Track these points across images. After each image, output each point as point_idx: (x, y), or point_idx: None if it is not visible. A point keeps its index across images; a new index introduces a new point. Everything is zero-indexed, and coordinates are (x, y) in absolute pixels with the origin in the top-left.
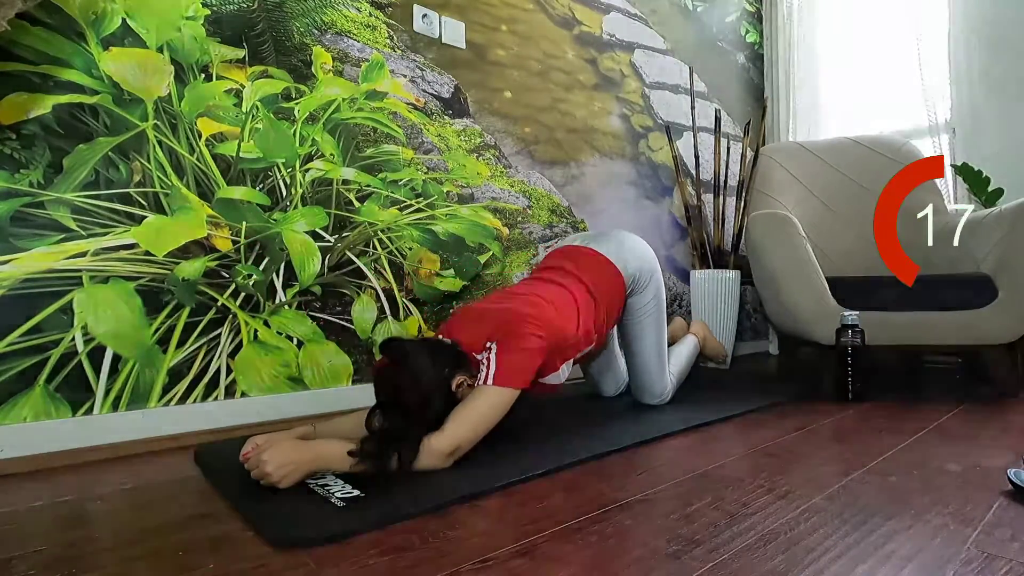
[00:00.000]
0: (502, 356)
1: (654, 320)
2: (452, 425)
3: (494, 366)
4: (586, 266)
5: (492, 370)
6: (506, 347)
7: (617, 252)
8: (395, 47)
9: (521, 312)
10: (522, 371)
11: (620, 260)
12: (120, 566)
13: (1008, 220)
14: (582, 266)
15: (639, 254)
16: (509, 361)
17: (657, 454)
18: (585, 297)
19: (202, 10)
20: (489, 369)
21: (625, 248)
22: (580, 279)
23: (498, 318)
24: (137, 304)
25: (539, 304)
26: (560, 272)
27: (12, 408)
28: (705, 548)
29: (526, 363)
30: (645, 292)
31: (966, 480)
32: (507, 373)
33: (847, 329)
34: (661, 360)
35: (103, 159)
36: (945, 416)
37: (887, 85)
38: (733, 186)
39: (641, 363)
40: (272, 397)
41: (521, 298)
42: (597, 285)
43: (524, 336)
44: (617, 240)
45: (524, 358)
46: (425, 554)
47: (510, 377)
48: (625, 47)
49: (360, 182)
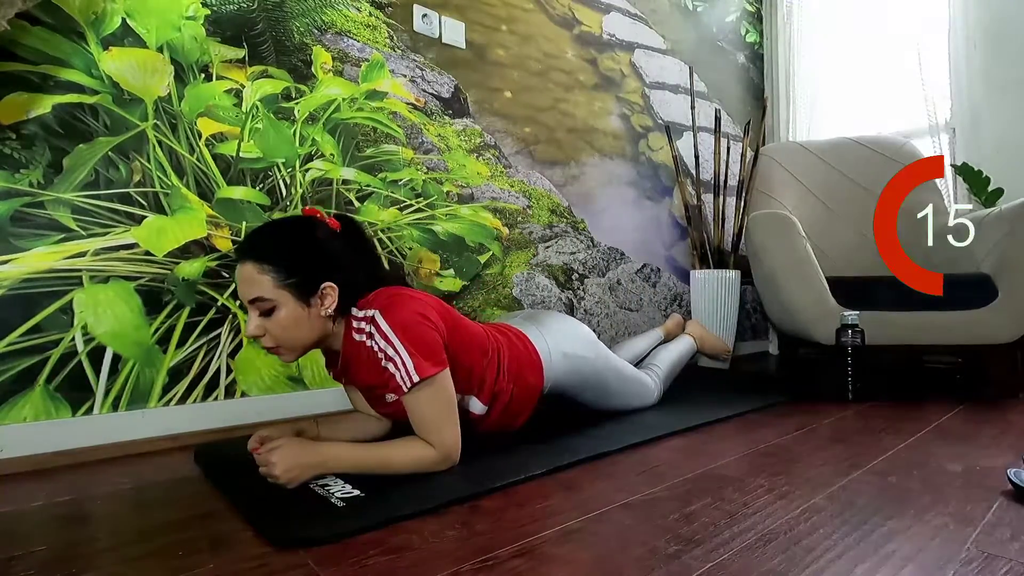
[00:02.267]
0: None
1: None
2: (431, 437)
3: (405, 355)
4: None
5: (408, 364)
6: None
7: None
8: (395, 47)
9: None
10: (428, 344)
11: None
12: (120, 566)
13: (1008, 220)
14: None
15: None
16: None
17: (657, 454)
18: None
19: (202, 10)
20: (404, 365)
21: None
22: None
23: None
24: (137, 304)
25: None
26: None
27: (12, 408)
28: (705, 548)
29: (426, 328)
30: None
31: (966, 480)
32: (419, 359)
33: (847, 329)
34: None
35: (103, 159)
36: (945, 416)
37: (887, 85)
38: (733, 186)
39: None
40: (272, 397)
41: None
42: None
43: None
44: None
45: (420, 322)
46: (425, 554)
47: (426, 357)
48: (625, 47)
49: (360, 182)
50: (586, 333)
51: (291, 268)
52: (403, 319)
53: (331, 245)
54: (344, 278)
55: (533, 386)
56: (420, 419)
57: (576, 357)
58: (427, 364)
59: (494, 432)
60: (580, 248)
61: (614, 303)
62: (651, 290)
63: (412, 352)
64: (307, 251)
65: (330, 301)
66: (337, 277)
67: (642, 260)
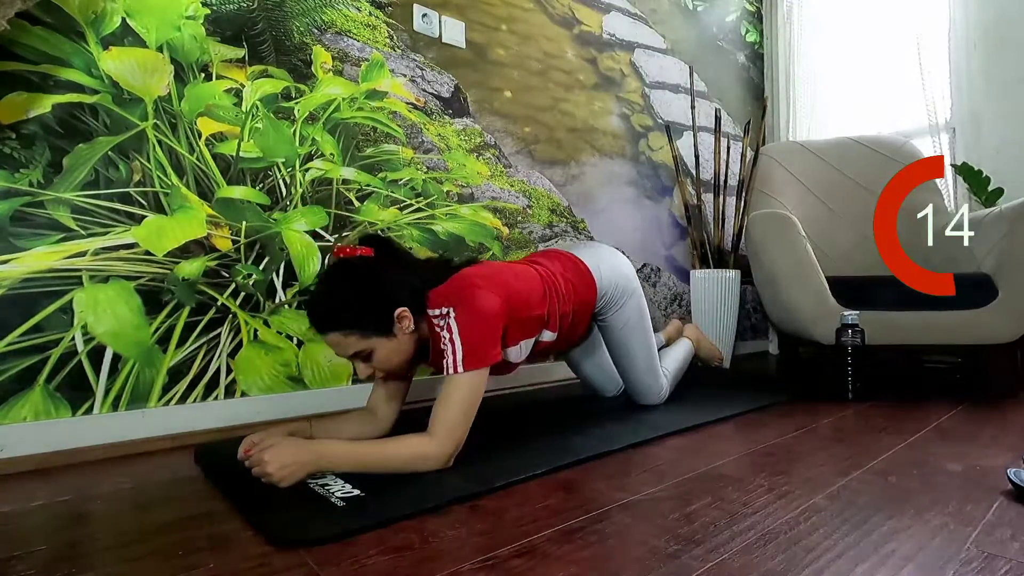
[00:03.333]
0: (463, 332)
1: (639, 334)
2: (439, 426)
3: (460, 348)
4: (563, 263)
5: (459, 355)
6: (464, 312)
7: (595, 263)
8: (395, 47)
9: (475, 273)
10: (486, 343)
11: (596, 270)
12: (120, 566)
13: (1008, 220)
14: (559, 262)
15: (616, 270)
16: (471, 338)
17: (657, 454)
18: (554, 280)
19: (202, 9)
20: (456, 354)
21: (604, 262)
22: (552, 269)
23: (453, 280)
24: (137, 304)
25: (495, 267)
26: (533, 261)
27: (12, 408)
28: (705, 548)
29: (488, 331)
30: (624, 309)
31: (966, 480)
32: (473, 353)
33: (847, 329)
34: (653, 367)
35: (103, 159)
36: (945, 416)
37: (887, 85)
38: (733, 186)
39: (634, 375)
40: (272, 397)
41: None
42: (569, 280)
43: (479, 295)
44: (597, 253)
45: (484, 326)
46: (425, 554)
47: (477, 357)
48: (625, 47)
49: (360, 181)
50: (627, 262)
51: (364, 319)
52: (470, 318)
53: (378, 275)
54: (405, 294)
55: (588, 301)
56: (444, 403)
57: (621, 275)
58: (473, 359)
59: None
60: None
61: None
62: (651, 290)
63: (465, 345)
64: (367, 297)
65: (407, 321)
66: (401, 298)
67: (642, 260)
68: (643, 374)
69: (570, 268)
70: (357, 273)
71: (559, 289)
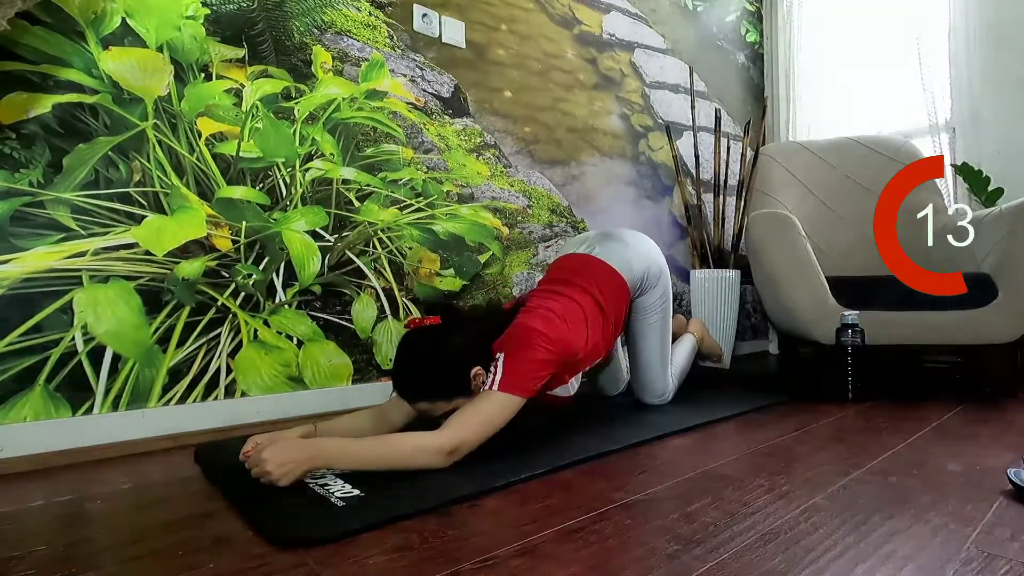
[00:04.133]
0: (509, 364)
1: (660, 319)
2: (455, 425)
3: (501, 372)
4: (594, 276)
5: (499, 376)
6: (514, 356)
7: (622, 257)
8: (395, 46)
9: (532, 327)
10: (528, 380)
11: (625, 264)
12: (120, 566)
13: (1008, 220)
14: (590, 276)
15: (644, 255)
16: (516, 369)
17: (657, 454)
18: (594, 310)
19: (202, 9)
20: (496, 375)
21: (631, 250)
22: (588, 291)
23: (509, 331)
24: (137, 304)
25: (550, 319)
26: (568, 285)
27: (12, 408)
28: (705, 548)
29: (533, 372)
30: (652, 291)
31: (966, 480)
32: (514, 380)
33: (847, 329)
34: (664, 359)
35: (103, 159)
36: (945, 416)
37: (887, 85)
38: (733, 186)
39: (644, 362)
40: (272, 397)
41: (533, 312)
42: (604, 295)
43: (534, 348)
44: (623, 242)
45: (531, 368)
46: (425, 554)
47: (516, 385)
48: (625, 46)
49: (360, 181)
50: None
51: (447, 387)
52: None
53: (451, 343)
54: (475, 354)
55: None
56: (469, 408)
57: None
58: (510, 384)
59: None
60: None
61: None
62: None
63: (507, 374)
64: (446, 366)
65: (481, 377)
66: (473, 358)
67: None
68: (654, 364)
69: (604, 281)
70: (434, 345)
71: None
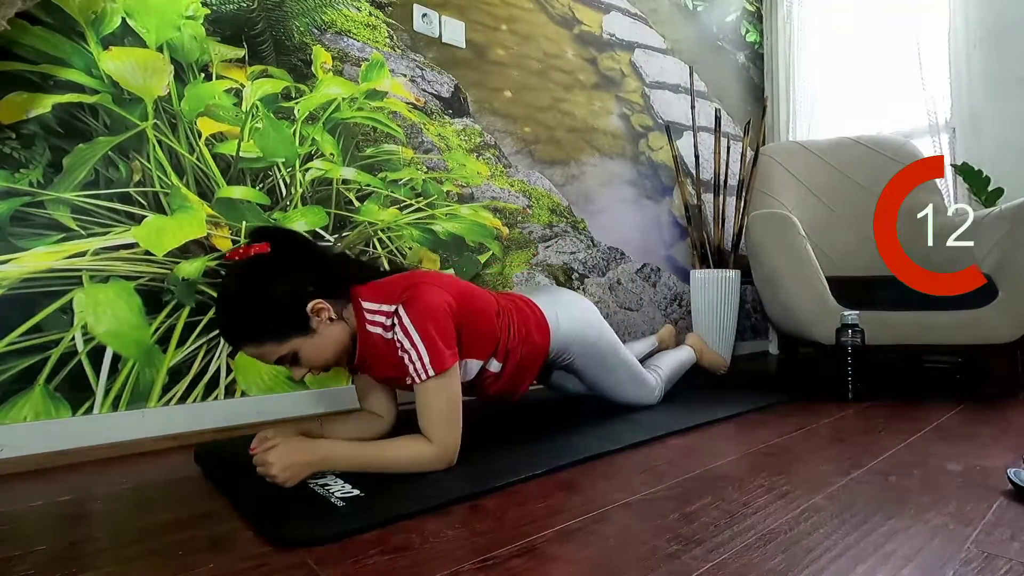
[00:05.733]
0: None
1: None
2: (430, 432)
3: (423, 352)
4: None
5: (425, 359)
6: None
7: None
8: (395, 46)
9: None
10: (443, 340)
11: (554, 319)
12: (120, 566)
13: (1008, 220)
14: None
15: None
16: (428, 336)
17: (657, 454)
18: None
19: (202, 9)
20: (421, 359)
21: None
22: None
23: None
24: (137, 303)
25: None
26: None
27: (12, 408)
28: (705, 548)
29: (441, 326)
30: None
31: (966, 480)
32: (435, 354)
33: (847, 329)
34: (635, 377)
35: (103, 159)
36: (945, 416)
37: (887, 85)
38: (733, 186)
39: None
40: (272, 397)
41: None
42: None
43: (429, 291)
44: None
45: (436, 321)
46: (425, 554)
47: (439, 357)
48: (625, 46)
49: (360, 182)
50: (590, 306)
51: (276, 323)
52: (423, 312)
53: (277, 273)
54: (317, 285)
55: (540, 345)
56: (426, 412)
57: (581, 321)
58: (440, 359)
59: (502, 394)
60: (580, 248)
61: (614, 303)
62: (651, 290)
63: (429, 346)
64: (272, 300)
65: (325, 312)
66: (311, 291)
67: (642, 260)
68: (628, 389)
69: (523, 307)
70: (253, 277)
71: (512, 318)
